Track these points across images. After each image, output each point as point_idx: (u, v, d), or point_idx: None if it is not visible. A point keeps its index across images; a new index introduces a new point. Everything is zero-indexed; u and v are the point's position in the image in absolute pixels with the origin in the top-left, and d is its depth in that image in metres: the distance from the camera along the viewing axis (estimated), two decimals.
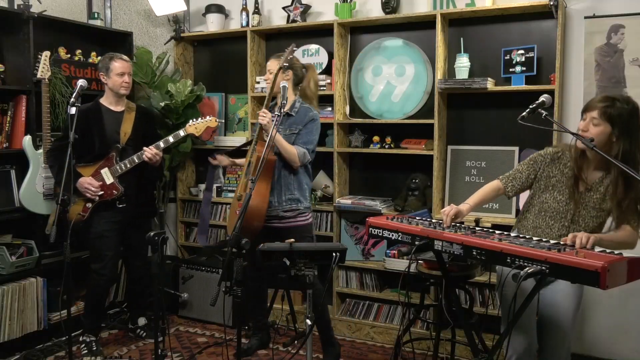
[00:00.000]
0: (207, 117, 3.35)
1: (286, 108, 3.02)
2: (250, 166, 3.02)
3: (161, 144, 3.27)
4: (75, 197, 3.17)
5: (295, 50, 3.12)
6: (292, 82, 3.13)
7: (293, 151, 2.97)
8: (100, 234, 3.22)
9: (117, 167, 3.21)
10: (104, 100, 3.31)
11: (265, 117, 2.92)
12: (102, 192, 3.19)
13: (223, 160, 3.32)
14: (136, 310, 3.69)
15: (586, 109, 2.25)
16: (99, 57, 3.89)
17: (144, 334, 3.59)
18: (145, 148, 3.22)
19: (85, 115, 3.10)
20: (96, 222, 3.23)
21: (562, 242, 2.05)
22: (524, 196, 2.59)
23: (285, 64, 3.07)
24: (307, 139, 3.06)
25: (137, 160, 3.22)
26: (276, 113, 2.67)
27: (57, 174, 3.19)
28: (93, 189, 3.16)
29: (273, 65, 3.13)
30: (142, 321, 3.63)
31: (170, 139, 3.29)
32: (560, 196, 2.34)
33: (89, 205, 3.20)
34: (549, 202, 2.36)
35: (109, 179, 3.19)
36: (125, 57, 3.32)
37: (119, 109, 3.31)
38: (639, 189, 2.20)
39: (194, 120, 3.34)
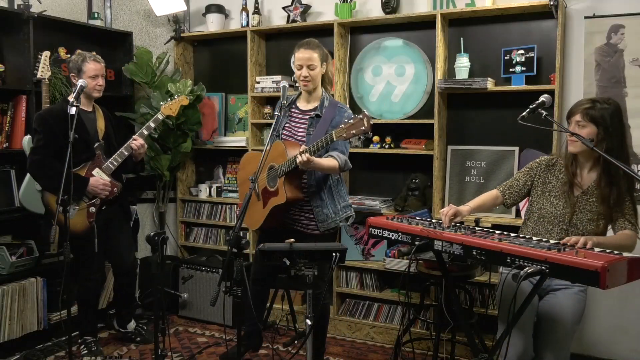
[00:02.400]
0: (177, 96, 3.46)
1: (312, 106, 2.82)
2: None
3: (144, 131, 3.22)
4: (75, 205, 3.04)
5: None
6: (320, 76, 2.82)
7: (334, 165, 2.66)
8: (83, 241, 3.09)
9: (109, 165, 3.14)
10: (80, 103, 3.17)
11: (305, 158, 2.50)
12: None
13: None
14: (124, 314, 3.56)
15: (570, 115, 2.35)
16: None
17: (138, 338, 3.50)
18: (134, 137, 3.17)
19: (64, 116, 2.89)
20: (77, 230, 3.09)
21: (562, 243, 2.05)
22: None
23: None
24: (345, 142, 2.74)
25: (126, 153, 3.16)
26: (276, 113, 2.65)
27: (56, 183, 2.85)
28: (108, 187, 3.10)
29: (315, 58, 2.75)
30: (131, 326, 3.54)
31: (151, 124, 3.27)
32: (557, 201, 2.38)
33: (92, 210, 3.11)
34: (546, 207, 2.40)
35: (104, 178, 3.14)
36: (98, 57, 3.15)
37: (89, 108, 3.20)
38: (621, 186, 2.26)
39: (167, 100, 3.40)
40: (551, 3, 3.04)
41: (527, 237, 2.15)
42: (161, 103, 3.40)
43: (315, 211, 2.78)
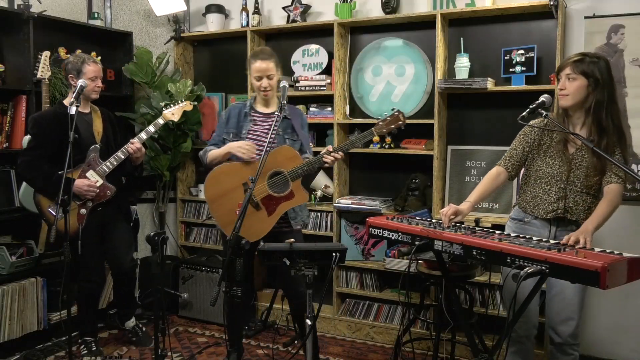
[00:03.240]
0: (180, 102, 3.41)
1: (272, 109, 2.92)
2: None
3: (143, 135, 3.20)
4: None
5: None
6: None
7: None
8: (81, 243, 3.02)
9: (104, 167, 3.10)
10: (70, 104, 3.10)
11: (335, 157, 2.76)
12: (98, 192, 3.09)
13: None
14: (123, 315, 3.57)
15: (559, 70, 2.35)
16: (99, 58, 3.90)
17: (134, 338, 3.48)
18: (131, 140, 3.15)
19: (58, 119, 2.95)
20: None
21: (562, 242, 2.06)
22: None
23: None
24: (308, 140, 3.00)
25: (122, 156, 3.12)
26: (276, 113, 2.64)
27: (44, 184, 2.99)
28: (93, 189, 3.05)
29: (272, 68, 2.84)
30: (130, 324, 3.53)
31: (151, 128, 3.24)
32: (552, 160, 2.38)
33: (83, 211, 3.07)
34: (542, 168, 2.41)
35: (98, 181, 3.10)
36: (97, 59, 3.17)
37: (86, 110, 3.17)
38: (611, 136, 2.27)
39: (170, 106, 3.36)
40: (551, 3, 3.04)
41: (527, 236, 2.15)
42: (163, 109, 3.36)
43: (287, 211, 2.85)
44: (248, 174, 2.73)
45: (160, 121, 3.29)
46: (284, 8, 3.93)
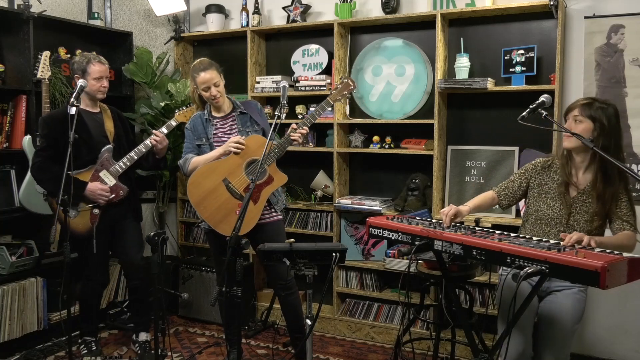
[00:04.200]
0: (193, 105, 3.35)
1: (228, 110, 3.02)
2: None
3: (164, 129, 3.23)
4: (80, 206, 3.04)
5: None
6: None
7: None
8: (89, 241, 3.07)
9: (117, 167, 3.12)
10: (81, 103, 3.02)
11: (300, 135, 2.86)
12: (113, 196, 3.10)
13: None
14: (138, 323, 3.43)
15: (568, 111, 2.35)
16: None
17: (139, 350, 3.34)
18: (154, 131, 3.16)
19: (64, 120, 2.86)
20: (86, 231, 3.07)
21: (562, 237, 2.07)
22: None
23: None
24: (268, 125, 3.04)
25: (135, 157, 3.14)
26: (276, 113, 2.64)
27: (54, 187, 2.93)
28: (106, 194, 3.06)
29: (216, 75, 2.94)
30: (143, 336, 3.37)
31: (164, 129, 3.23)
32: (553, 203, 2.38)
33: (96, 212, 3.08)
34: (543, 209, 2.40)
35: (110, 181, 3.11)
36: (102, 59, 3.13)
37: (96, 110, 3.17)
38: (617, 185, 2.27)
39: (182, 108, 3.34)
40: (551, 3, 3.04)
41: (527, 237, 2.15)
42: (177, 111, 3.33)
43: (269, 196, 2.93)
44: (225, 170, 2.88)
45: (173, 123, 3.29)
46: (284, 8, 3.93)
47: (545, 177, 2.43)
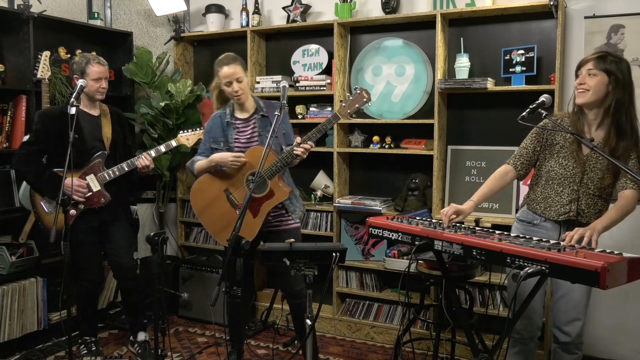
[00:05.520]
0: (198, 130, 3.30)
1: (251, 111, 2.92)
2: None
3: (152, 152, 3.16)
4: (54, 201, 2.97)
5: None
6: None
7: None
8: (78, 242, 3.02)
9: (105, 175, 3.07)
10: (80, 104, 3.03)
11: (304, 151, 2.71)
12: (90, 195, 3.04)
13: None
14: (135, 323, 3.42)
15: (580, 66, 2.29)
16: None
17: (139, 350, 3.34)
18: (144, 154, 3.12)
19: (63, 118, 2.86)
20: (73, 231, 2.97)
21: (563, 237, 2.07)
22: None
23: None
24: (291, 133, 2.98)
25: (126, 169, 3.10)
26: (276, 113, 2.63)
27: (35, 179, 2.98)
28: (82, 190, 3.00)
29: (239, 71, 2.84)
30: (141, 336, 3.36)
31: (162, 148, 3.20)
32: (565, 161, 2.32)
33: (73, 212, 3.02)
34: (555, 169, 2.35)
35: (95, 187, 3.06)
36: (102, 59, 3.10)
37: (95, 112, 3.14)
38: (629, 139, 2.23)
39: (186, 131, 3.28)
40: (551, 3, 3.04)
41: (527, 236, 2.15)
42: (179, 133, 3.28)
43: (285, 204, 2.88)
44: (227, 180, 2.85)
45: (173, 143, 3.23)
46: (284, 8, 3.93)
47: (556, 136, 2.36)
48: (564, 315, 2.35)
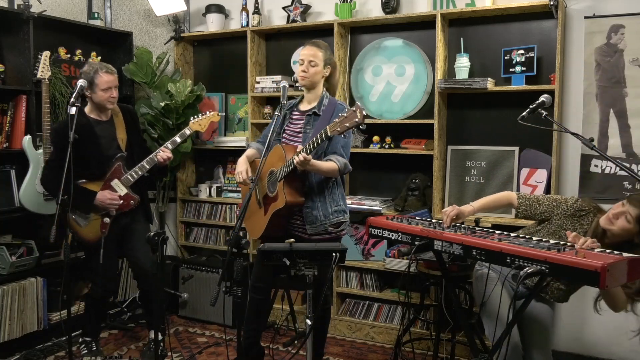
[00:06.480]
0: (208, 112, 3.30)
1: (311, 105, 2.74)
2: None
3: (169, 145, 3.16)
4: (90, 215, 3.03)
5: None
6: (324, 78, 2.76)
7: (333, 168, 2.59)
8: (96, 248, 3.04)
9: (128, 177, 3.08)
10: (90, 112, 3.08)
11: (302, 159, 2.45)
12: (122, 203, 3.07)
13: None
14: (148, 321, 3.43)
15: (630, 202, 2.16)
16: (99, 58, 3.91)
17: (144, 348, 3.34)
18: (161, 148, 3.12)
19: (77, 129, 2.82)
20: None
21: (567, 235, 2.08)
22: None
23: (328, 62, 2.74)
24: (345, 142, 2.67)
25: (147, 166, 3.09)
26: (276, 113, 2.62)
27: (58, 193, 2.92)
28: (116, 202, 3.02)
29: (317, 54, 2.67)
30: (151, 334, 3.33)
31: (177, 139, 3.18)
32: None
33: (107, 220, 3.05)
34: (555, 231, 2.34)
35: (122, 190, 3.07)
36: (111, 68, 3.04)
37: (106, 117, 3.12)
38: None
39: (196, 116, 3.28)
40: (551, 3, 3.04)
41: (527, 237, 2.15)
42: (190, 119, 3.27)
43: (304, 212, 2.67)
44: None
45: (187, 131, 3.21)
46: (284, 8, 3.93)
47: (569, 224, 2.31)
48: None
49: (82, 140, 2.87)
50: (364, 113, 2.36)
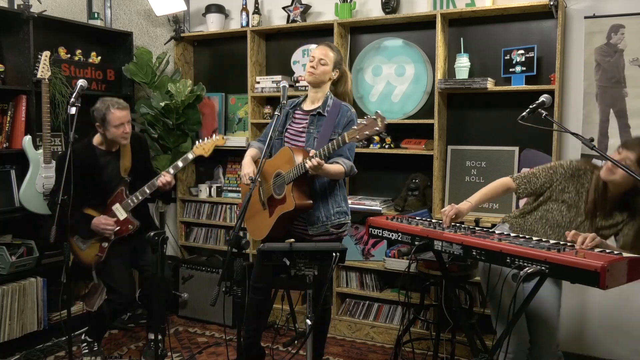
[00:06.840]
0: (214, 137, 3.23)
1: (315, 105, 2.72)
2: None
3: (171, 169, 3.14)
4: (90, 239, 3.08)
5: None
6: (330, 80, 2.75)
7: (340, 171, 2.57)
8: (110, 266, 3.08)
9: (129, 201, 3.09)
10: (99, 144, 3.09)
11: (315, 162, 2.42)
12: (118, 229, 3.08)
13: None
14: (149, 322, 3.42)
15: (626, 147, 2.17)
16: (99, 58, 3.91)
17: (145, 348, 3.35)
18: (163, 173, 3.10)
19: (83, 158, 2.93)
20: (106, 257, 3.10)
21: (562, 242, 2.06)
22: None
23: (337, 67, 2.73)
24: (351, 145, 2.62)
25: (148, 191, 3.09)
26: (276, 113, 2.62)
27: (76, 220, 2.96)
28: (110, 227, 3.04)
29: (328, 54, 2.67)
30: (151, 336, 3.31)
31: (180, 163, 3.15)
32: (567, 212, 2.33)
33: (105, 244, 3.09)
34: (553, 213, 2.36)
35: (122, 215, 3.08)
36: (123, 103, 3.02)
37: (115, 148, 3.12)
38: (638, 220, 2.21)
39: (201, 140, 3.21)
40: (551, 3, 3.04)
41: (527, 236, 2.15)
42: (197, 142, 3.20)
43: (306, 212, 2.67)
44: (262, 175, 2.73)
45: (190, 156, 3.16)
46: (284, 8, 3.93)
47: (570, 185, 2.33)
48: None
49: (86, 171, 2.94)
50: (386, 122, 2.35)
